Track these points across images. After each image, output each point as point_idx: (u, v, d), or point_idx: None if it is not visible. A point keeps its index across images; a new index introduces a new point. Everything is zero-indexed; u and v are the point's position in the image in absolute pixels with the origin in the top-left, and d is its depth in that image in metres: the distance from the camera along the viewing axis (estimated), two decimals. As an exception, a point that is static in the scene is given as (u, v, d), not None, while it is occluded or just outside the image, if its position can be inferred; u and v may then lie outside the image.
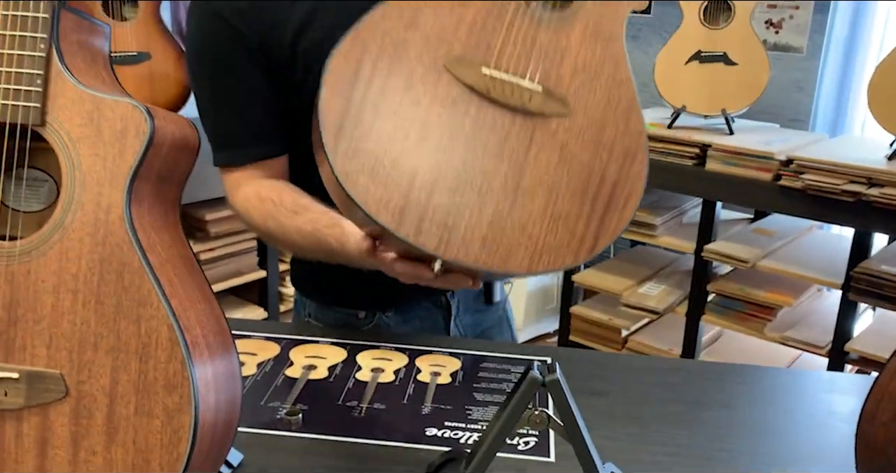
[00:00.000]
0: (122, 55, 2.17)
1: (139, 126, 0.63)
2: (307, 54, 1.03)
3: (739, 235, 2.60)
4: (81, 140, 0.64)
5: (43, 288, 0.65)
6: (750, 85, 2.53)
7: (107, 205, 0.64)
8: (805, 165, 2.24)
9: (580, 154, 0.83)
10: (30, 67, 0.64)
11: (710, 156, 2.44)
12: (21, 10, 0.64)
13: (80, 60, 0.67)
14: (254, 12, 1.02)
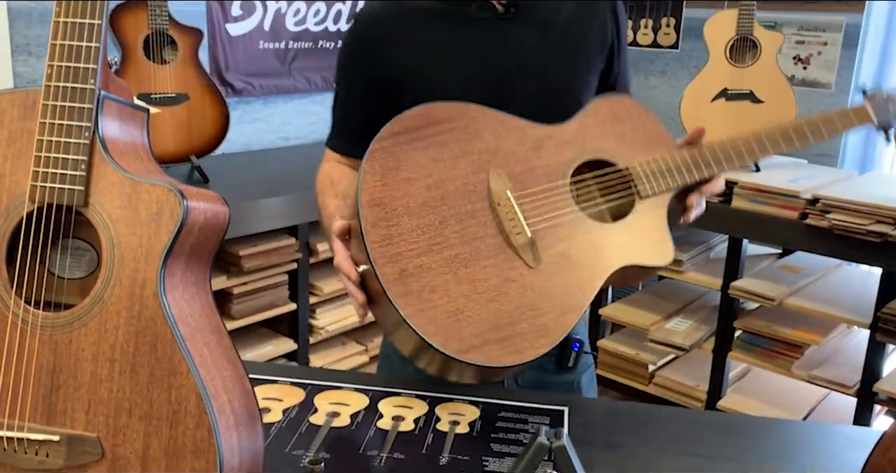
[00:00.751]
0: (161, 96, 2.26)
1: (173, 208, 0.68)
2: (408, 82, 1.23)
3: (767, 272, 2.60)
4: (121, 220, 0.69)
5: (83, 357, 0.70)
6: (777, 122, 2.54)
7: (142, 280, 0.69)
8: (831, 204, 2.25)
9: (513, 297, 1.00)
10: (75, 153, 0.70)
11: (735, 194, 2.45)
12: (68, 101, 0.70)
13: (120, 144, 0.73)
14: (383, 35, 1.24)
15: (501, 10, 1.22)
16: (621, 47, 1.32)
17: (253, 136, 2.93)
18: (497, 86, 1.21)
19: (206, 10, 2.67)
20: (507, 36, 1.22)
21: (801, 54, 2.90)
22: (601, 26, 1.27)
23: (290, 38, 2.94)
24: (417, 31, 1.24)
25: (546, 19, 1.24)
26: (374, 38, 1.25)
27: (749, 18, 2.54)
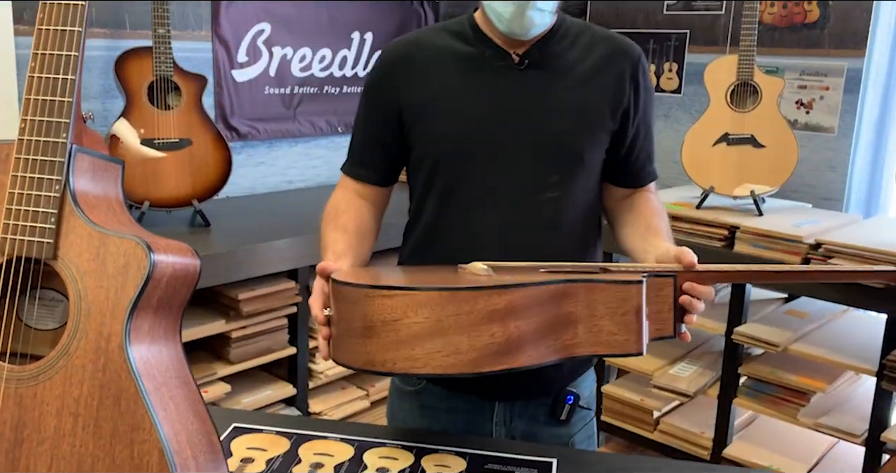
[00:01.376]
0: (165, 141, 2.29)
1: (140, 261, 0.68)
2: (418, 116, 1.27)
3: (771, 317, 2.56)
4: (88, 273, 0.69)
5: (47, 411, 0.69)
6: (778, 167, 2.54)
7: (108, 334, 0.69)
8: (833, 250, 2.23)
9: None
10: (45, 206, 0.70)
11: (738, 239, 2.44)
12: (40, 155, 0.70)
13: (92, 197, 0.73)
14: (403, 70, 1.28)
15: (516, 60, 1.25)
16: (638, 115, 1.31)
17: (257, 180, 2.95)
18: (498, 132, 1.24)
19: (212, 56, 2.72)
20: (517, 85, 1.24)
21: (804, 99, 2.91)
22: (617, 88, 1.27)
23: (295, 84, 2.99)
24: (436, 69, 1.27)
25: (559, 74, 1.26)
26: (394, 71, 1.29)
27: (749, 64, 2.55)
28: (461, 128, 1.24)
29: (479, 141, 1.24)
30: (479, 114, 1.24)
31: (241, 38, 2.78)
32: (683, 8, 3.17)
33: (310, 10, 2.96)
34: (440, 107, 1.25)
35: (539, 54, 1.25)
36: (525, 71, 1.25)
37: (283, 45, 2.91)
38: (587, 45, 1.28)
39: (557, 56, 1.26)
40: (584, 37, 1.29)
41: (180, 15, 2.61)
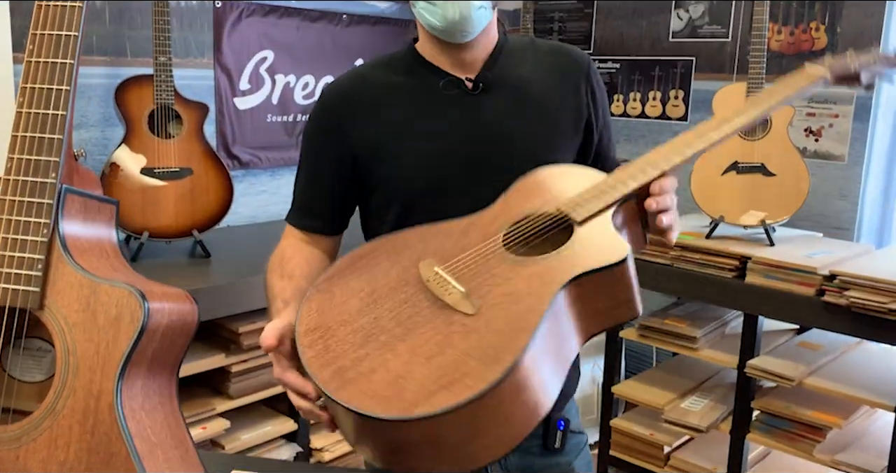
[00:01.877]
0: (165, 171, 2.25)
1: (133, 312, 0.63)
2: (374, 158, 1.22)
3: (784, 349, 2.50)
4: (77, 325, 0.64)
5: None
6: (789, 196, 2.50)
7: (97, 392, 0.63)
8: (849, 281, 2.17)
9: (457, 345, 0.91)
10: (32, 252, 0.65)
11: (750, 269, 2.38)
12: (27, 196, 0.65)
13: (83, 241, 0.68)
14: (351, 111, 1.23)
15: (469, 86, 1.21)
16: (599, 121, 1.29)
17: (259, 208, 2.91)
18: (466, 161, 1.19)
19: (213, 84, 2.69)
20: (476, 111, 1.20)
21: (813, 126, 2.87)
22: (575, 101, 1.26)
23: (298, 111, 2.95)
24: (384, 106, 1.22)
25: (516, 94, 1.23)
26: (340, 112, 1.23)
27: (759, 91, 2.52)
28: (429, 164, 1.19)
29: (449, 175, 1.19)
30: (444, 147, 1.19)
31: (243, 66, 2.75)
32: (689, 35, 3.14)
33: (313, 37, 2.93)
34: (402, 146, 1.20)
35: (491, 76, 1.22)
36: (480, 96, 1.21)
37: (286, 73, 2.88)
38: (535, 59, 1.26)
39: (509, 75, 1.23)
40: (531, 52, 1.27)
41: (182, 42, 2.58)
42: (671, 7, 3.17)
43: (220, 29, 2.67)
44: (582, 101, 1.26)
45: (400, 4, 3.18)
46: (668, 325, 2.61)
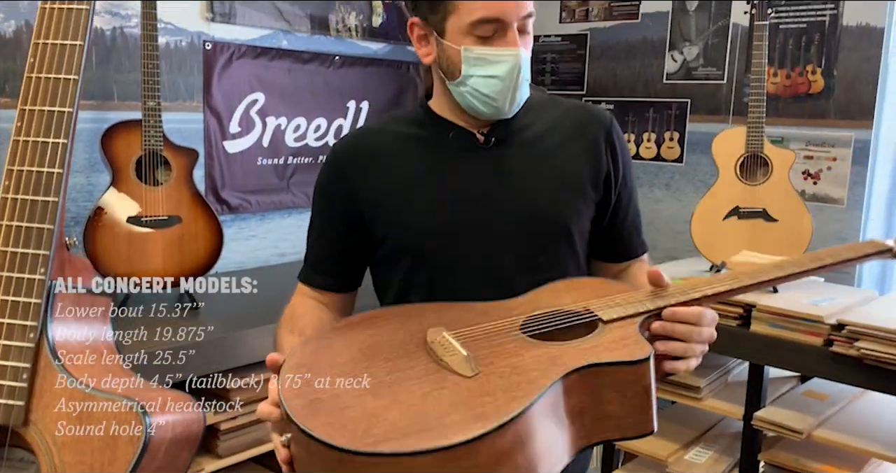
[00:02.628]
0: (152, 219, 2.17)
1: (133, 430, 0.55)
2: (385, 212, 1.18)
3: (790, 400, 2.44)
4: (67, 445, 0.56)
5: None
6: (792, 241, 2.46)
7: (89, 522, 0.55)
8: (858, 331, 2.11)
9: (444, 399, 0.84)
10: (16, 359, 0.57)
11: (754, 318, 2.33)
12: (12, 295, 0.58)
13: (74, 343, 0.60)
14: (360, 165, 1.19)
15: (482, 139, 1.17)
16: (619, 180, 1.24)
17: (248, 253, 2.82)
18: (478, 217, 1.15)
19: (203, 127, 2.62)
20: (488, 165, 1.16)
21: (811, 169, 2.84)
22: (594, 155, 1.21)
23: (289, 154, 2.89)
24: (397, 159, 1.19)
25: (530, 148, 1.19)
26: (350, 166, 1.20)
27: (758, 136, 2.49)
28: (440, 217, 1.15)
29: (461, 228, 1.14)
30: (455, 200, 1.15)
31: (233, 109, 2.69)
32: (684, 76, 3.13)
33: (305, 80, 2.88)
34: (413, 198, 1.16)
35: (505, 130, 1.18)
36: (493, 149, 1.17)
37: (278, 115, 2.82)
38: (553, 116, 1.23)
39: (524, 129, 1.19)
40: (550, 109, 1.24)
41: (171, 85, 2.52)
42: (665, 49, 3.16)
43: (210, 71, 2.61)
44: (601, 156, 1.21)
45: (393, 46, 3.14)
46: (671, 374, 2.53)
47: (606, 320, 0.99)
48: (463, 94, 1.14)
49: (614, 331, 0.97)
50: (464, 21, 1.09)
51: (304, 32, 2.88)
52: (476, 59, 1.10)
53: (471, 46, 1.10)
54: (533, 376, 0.88)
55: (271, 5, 2.76)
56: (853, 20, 2.69)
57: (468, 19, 1.08)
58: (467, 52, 1.10)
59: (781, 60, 2.85)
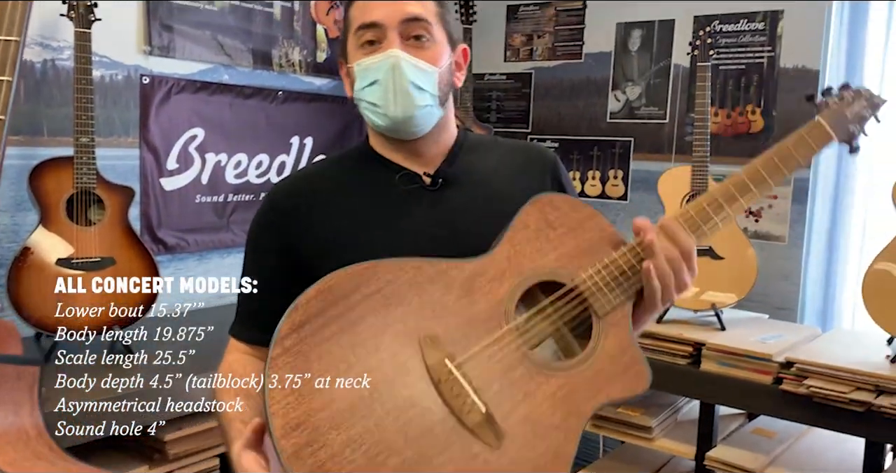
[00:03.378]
0: (83, 261, 2.05)
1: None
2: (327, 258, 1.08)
3: (740, 438, 2.44)
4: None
5: None
6: (738, 279, 2.47)
7: None
8: (807, 370, 2.13)
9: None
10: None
11: (704, 356, 2.32)
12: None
13: None
14: (299, 209, 1.13)
15: (427, 180, 1.13)
16: None
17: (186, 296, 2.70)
18: (422, 253, 1.08)
19: (139, 164, 2.52)
20: (435, 207, 1.11)
21: (753, 207, 2.88)
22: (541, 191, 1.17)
23: (229, 191, 2.80)
24: (335, 203, 1.13)
25: (478, 190, 1.15)
26: (288, 211, 1.14)
27: (703, 175, 2.51)
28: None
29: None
30: (401, 246, 1.08)
31: (171, 145, 2.59)
32: (627, 115, 3.16)
33: (246, 115, 2.80)
34: (355, 244, 1.10)
35: (450, 170, 1.14)
36: (439, 191, 1.13)
37: (218, 151, 2.73)
38: (498, 156, 1.20)
39: (471, 169, 1.16)
40: (495, 148, 1.22)
41: (105, 120, 2.41)
42: (608, 88, 3.19)
43: (148, 106, 2.52)
44: (547, 190, 1.18)
45: (337, 81, 3.09)
46: (622, 414, 2.51)
47: (601, 315, 0.99)
48: (364, 113, 1.13)
49: (610, 338, 0.98)
50: (353, 34, 1.11)
51: (245, 67, 2.81)
52: (363, 71, 1.09)
53: (359, 60, 1.10)
54: (556, 441, 0.89)
55: (212, 39, 2.69)
56: (790, 62, 2.77)
57: (352, 31, 1.10)
58: (357, 66, 1.10)
59: (722, 100, 2.91)
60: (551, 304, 1.00)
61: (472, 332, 0.93)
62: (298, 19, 2.97)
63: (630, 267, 1.02)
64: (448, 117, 1.18)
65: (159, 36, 2.53)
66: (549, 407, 0.91)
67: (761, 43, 2.81)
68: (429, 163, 1.15)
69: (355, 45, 1.11)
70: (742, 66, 2.86)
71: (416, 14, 1.08)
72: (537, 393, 0.92)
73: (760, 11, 2.81)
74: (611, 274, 1.01)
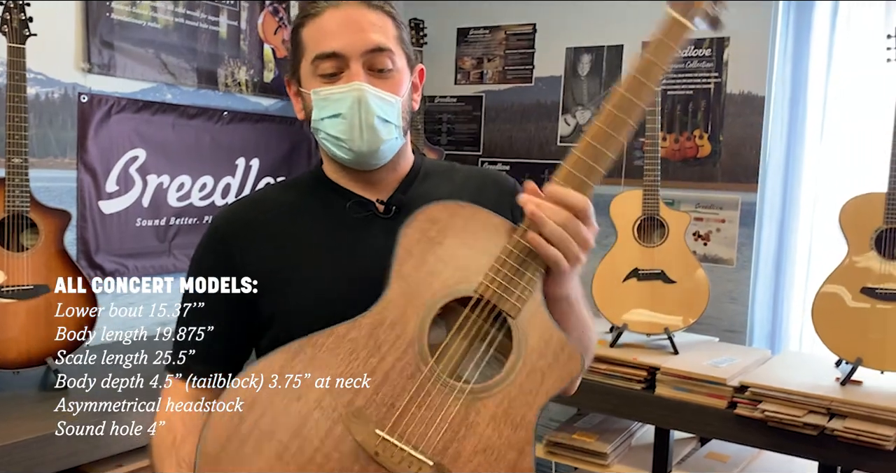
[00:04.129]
0: (15, 289, 1.93)
1: None
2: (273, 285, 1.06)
3: (695, 463, 2.43)
4: None
5: None
6: (690, 303, 2.48)
7: None
8: (761, 394, 2.13)
9: None
10: None
11: (659, 381, 2.31)
12: None
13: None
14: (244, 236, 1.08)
15: (381, 208, 1.09)
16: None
17: (125, 324, 2.58)
18: (375, 284, 1.02)
19: (76, 186, 2.40)
20: (388, 235, 1.04)
21: (701, 231, 2.91)
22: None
23: (171, 214, 2.69)
24: (283, 231, 1.08)
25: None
26: (233, 237, 1.08)
27: (654, 199, 2.52)
28: (332, 296, 1.04)
29: (357, 308, 1.00)
30: (354, 278, 1.04)
31: (110, 166, 2.48)
32: (577, 139, 3.16)
33: (190, 135, 2.71)
34: (303, 274, 1.05)
35: (405, 198, 1.10)
36: (393, 219, 1.07)
37: (160, 173, 2.63)
38: (455, 182, 1.17)
39: (425, 196, 1.10)
40: (451, 174, 1.18)
41: (40, 140, 2.30)
42: (559, 112, 3.20)
43: (86, 125, 2.41)
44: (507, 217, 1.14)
45: (285, 102, 3.03)
46: (577, 441, 2.48)
47: (514, 316, 0.94)
48: (323, 142, 1.08)
49: (531, 334, 0.95)
50: (308, 62, 1.05)
51: (190, 86, 2.73)
52: (322, 101, 1.04)
53: (317, 88, 1.04)
54: (511, 459, 0.88)
55: (155, 57, 2.61)
56: (736, 88, 2.82)
57: (310, 59, 1.05)
58: (315, 95, 1.05)
59: (670, 125, 2.94)
60: (463, 324, 0.95)
61: (393, 388, 0.89)
62: (245, 38, 2.90)
63: (527, 252, 0.95)
64: (407, 143, 1.15)
65: (99, 53, 2.44)
66: (493, 430, 0.89)
67: (708, 69, 2.86)
68: (384, 190, 1.11)
69: (311, 71, 1.05)
70: (690, 91, 2.90)
71: (380, 44, 1.04)
72: (478, 421, 0.89)
73: (707, 38, 2.86)
74: (510, 268, 0.95)
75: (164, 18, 2.62)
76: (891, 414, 1.97)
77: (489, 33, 3.35)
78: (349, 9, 1.04)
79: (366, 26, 1.03)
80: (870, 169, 2.53)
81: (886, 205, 2.14)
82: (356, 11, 1.04)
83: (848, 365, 2.19)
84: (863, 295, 2.17)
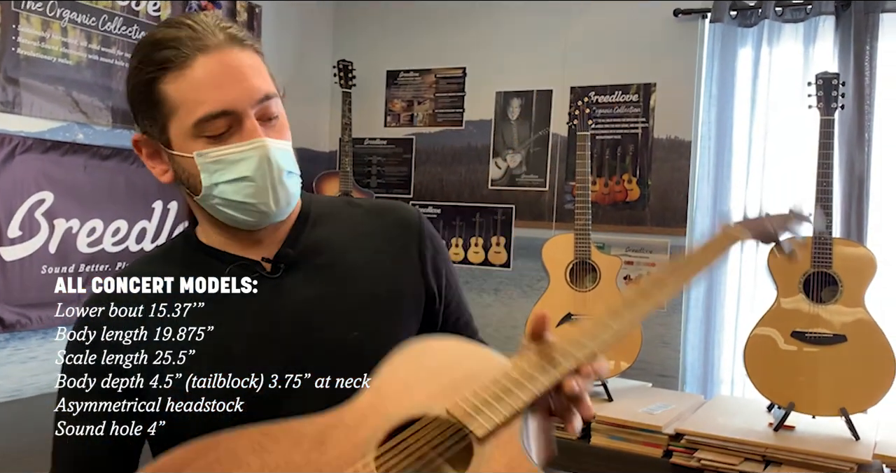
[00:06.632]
0: None
1: None
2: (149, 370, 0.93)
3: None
4: None
5: None
6: (624, 348, 2.45)
7: None
8: (696, 441, 2.09)
9: None
10: None
11: (594, 430, 2.25)
12: None
13: None
14: (116, 325, 0.94)
15: (268, 268, 0.97)
16: (442, 284, 1.06)
17: (26, 380, 2.39)
18: (270, 353, 0.93)
19: (-26, 231, 2.24)
20: (277, 298, 0.95)
21: (632, 274, 2.90)
22: (409, 266, 1.03)
23: (81, 261, 2.53)
24: (158, 315, 0.95)
25: (332, 270, 0.99)
26: (104, 329, 0.94)
27: (586, 243, 2.50)
28: (225, 376, 0.92)
29: (248, 389, 0.91)
30: (244, 356, 0.93)
31: (13, 210, 2.32)
32: (508, 183, 3.14)
33: (103, 177, 2.57)
34: (188, 361, 0.93)
35: (294, 251, 0.98)
36: (284, 279, 0.96)
37: (69, 217, 2.47)
38: (352, 224, 1.04)
39: (320, 246, 0.99)
40: (346, 215, 1.05)
41: (-66, 182, 2.13)
42: (489, 156, 3.17)
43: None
44: (414, 266, 1.03)
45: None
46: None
47: (481, 436, 0.79)
48: (216, 207, 0.94)
49: (496, 457, 0.79)
50: (187, 123, 0.90)
51: (104, 125, 2.60)
52: (214, 164, 0.91)
53: (203, 150, 0.90)
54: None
55: (66, 95, 2.47)
56: (663, 133, 2.84)
57: (191, 120, 0.90)
58: (202, 158, 0.90)
59: (599, 169, 2.94)
60: (417, 433, 0.84)
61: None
62: (165, 77, 2.79)
63: (516, 381, 0.84)
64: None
65: (3, 90, 2.29)
66: None
67: (636, 114, 2.88)
68: (269, 246, 0.98)
69: (190, 133, 0.91)
70: (618, 135, 2.91)
71: (267, 92, 0.92)
72: None
73: (634, 84, 2.88)
74: (491, 393, 0.84)
75: (77, 55, 2.50)
76: (825, 461, 1.95)
77: (419, 76, 3.32)
78: (221, 54, 0.90)
79: (247, 72, 0.91)
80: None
81: (812, 248, 2.16)
82: (229, 56, 0.91)
83: (780, 409, 2.17)
84: (793, 339, 2.17)
